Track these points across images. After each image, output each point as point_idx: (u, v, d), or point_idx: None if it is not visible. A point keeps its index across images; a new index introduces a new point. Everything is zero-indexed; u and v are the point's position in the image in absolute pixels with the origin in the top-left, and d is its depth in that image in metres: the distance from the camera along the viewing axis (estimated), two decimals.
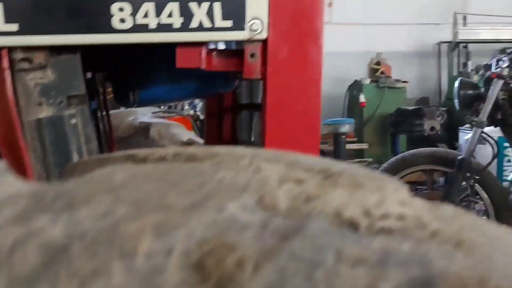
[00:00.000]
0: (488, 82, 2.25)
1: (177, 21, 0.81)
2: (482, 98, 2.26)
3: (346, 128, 4.51)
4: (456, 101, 2.39)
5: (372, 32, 6.32)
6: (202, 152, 0.28)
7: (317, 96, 0.95)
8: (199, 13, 0.82)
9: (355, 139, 5.30)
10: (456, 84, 2.43)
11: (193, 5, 0.82)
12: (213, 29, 0.83)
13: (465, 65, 6.37)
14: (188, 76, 1.00)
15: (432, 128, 5.03)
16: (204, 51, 0.87)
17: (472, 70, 5.92)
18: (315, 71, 0.93)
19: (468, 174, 2.20)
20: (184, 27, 0.82)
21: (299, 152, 0.93)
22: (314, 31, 0.91)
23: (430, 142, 5.27)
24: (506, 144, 2.81)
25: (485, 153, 2.47)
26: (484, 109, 2.21)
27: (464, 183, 2.23)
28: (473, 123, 2.24)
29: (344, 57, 6.23)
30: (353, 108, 5.90)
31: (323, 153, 4.93)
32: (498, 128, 2.35)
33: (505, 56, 2.21)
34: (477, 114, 2.25)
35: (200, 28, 0.83)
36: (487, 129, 2.32)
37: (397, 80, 5.87)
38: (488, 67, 2.37)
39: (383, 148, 5.56)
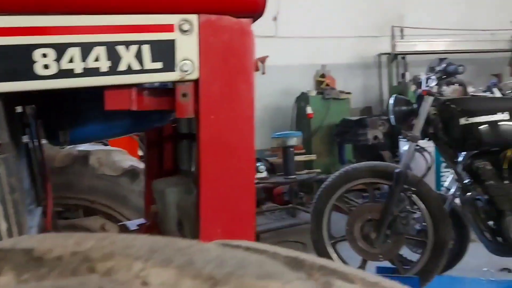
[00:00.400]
0: (420, 98, 2.39)
1: (104, 64, 0.81)
2: (415, 113, 2.39)
3: (294, 141, 4.60)
4: (391, 116, 2.51)
5: (316, 45, 6.51)
6: (98, 253, 0.29)
7: (250, 130, 0.97)
8: (128, 56, 0.82)
9: (304, 150, 5.41)
10: (391, 101, 2.56)
11: (120, 48, 0.82)
12: (142, 71, 0.83)
13: (403, 75, 6.72)
14: (121, 114, 0.99)
15: (375, 137, 5.24)
16: (134, 93, 0.86)
17: (410, 80, 6.24)
18: (247, 108, 0.95)
19: (405, 186, 2.31)
20: (112, 71, 0.81)
21: (234, 185, 0.92)
22: (245, 70, 0.93)
23: (374, 150, 5.48)
24: None
25: (424, 161, 2.60)
26: (417, 124, 2.35)
27: (402, 194, 2.34)
28: (408, 137, 2.37)
29: (290, 70, 6.37)
30: (301, 119, 6.04)
31: (272, 165, 4.99)
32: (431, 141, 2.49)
33: (433, 75, 2.37)
34: (411, 129, 2.38)
35: (129, 71, 0.82)
36: (422, 142, 2.46)
37: (342, 92, 6.08)
38: (419, 84, 2.52)
39: (330, 158, 5.72)
